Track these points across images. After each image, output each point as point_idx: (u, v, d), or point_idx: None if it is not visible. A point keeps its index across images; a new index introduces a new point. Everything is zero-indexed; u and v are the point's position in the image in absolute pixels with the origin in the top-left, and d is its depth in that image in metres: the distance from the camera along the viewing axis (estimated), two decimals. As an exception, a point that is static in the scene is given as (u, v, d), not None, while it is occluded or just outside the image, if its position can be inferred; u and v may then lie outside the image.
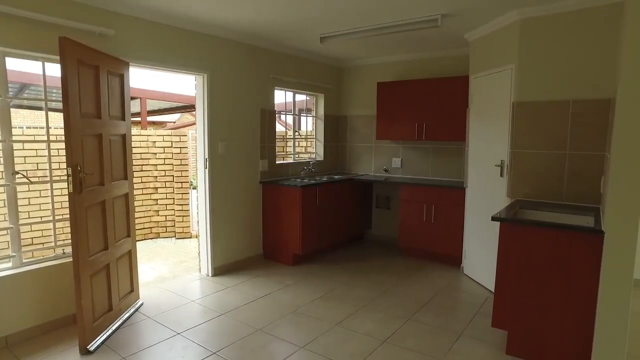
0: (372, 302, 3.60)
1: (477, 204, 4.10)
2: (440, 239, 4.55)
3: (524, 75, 3.45)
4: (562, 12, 3.27)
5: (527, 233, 2.62)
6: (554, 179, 3.39)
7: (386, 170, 5.53)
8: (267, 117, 4.74)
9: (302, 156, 5.69)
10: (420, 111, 4.82)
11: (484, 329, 3.10)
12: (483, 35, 3.96)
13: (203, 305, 3.52)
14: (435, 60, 5.03)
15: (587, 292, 2.45)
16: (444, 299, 3.68)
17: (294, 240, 4.46)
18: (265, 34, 4.27)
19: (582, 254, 2.46)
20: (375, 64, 5.53)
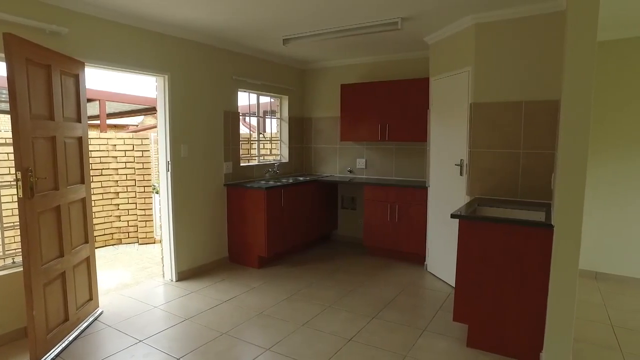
0: (338, 301, 3.63)
1: (438, 202, 4.21)
2: (404, 237, 4.65)
3: (480, 78, 3.58)
4: (513, 18, 3.42)
5: (485, 229, 2.72)
6: (510, 176, 3.53)
7: (351, 171, 5.59)
8: (231, 119, 4.70)
9: (267, 158, 5.66)
10: (383, 112, 4.91)
11: (446, 324, 3.19)
12: (442, 39, 4.09)
13: (166, 311, 3.44)
14: (398, 62, 5.14)
15: (539, 283, 2.57)
16: (408, 297, 3.76)
17: (259, 243, 4.44)
18: (227, 35, 4.24)
19: (535, 247, 2.57)
20: (339, 66, 5.59)
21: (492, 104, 3.55)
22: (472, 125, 3.65)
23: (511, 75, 3.47)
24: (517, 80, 3.45)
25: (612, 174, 4.14)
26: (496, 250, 2.69)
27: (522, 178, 3.49)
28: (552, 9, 3.26)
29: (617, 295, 3.84)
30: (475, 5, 3.31)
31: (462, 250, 2.81)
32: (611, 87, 4.07)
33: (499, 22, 3.47)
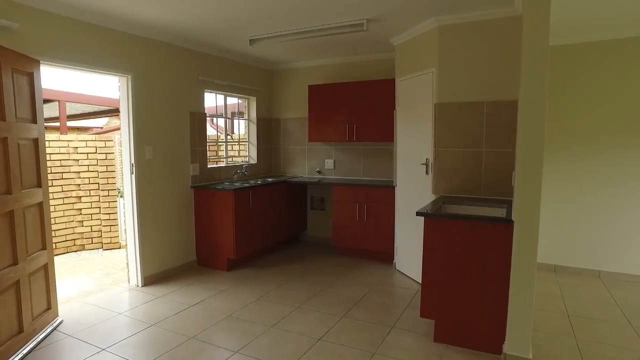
0: (307, 302, 3.63)
1: (406, 201, 4.28)
2: (373, 236, 4.69)
3: (443, 79, 3.67)
4: (474, 22, 3.52)
5: (449, 226, 2.78)
6: (473, 175, 3.63)
7: (319, 171, 5.60)
8: (197, 120, 4.62)
9: (236, 160, 5.60)
10: (351, 113, 4.95)
11: (414, 320, 3.24)
12: (406, 40, 4.16)
13: (131, 317, 3.34)
14: (365, 63, 5.19)
15: (501, 277, 2.65)
16: (377, 295, 3.80)
17: (227, 245, 4.38)
18: (192, 35, 4.17)
19: (497, 243, 2.65)
20: (307, 67, 5.60)
21: (455, 104, 3.64)
22: (436, 125, 3.73)
23: (473, 76, 3.57)
24: (479, 81, 3.55)
25: (568, 172, 4.32)
26: (460, 247, 2.76)
27: (485, 176, 3.60)
28: (510, 13, 3.37)
29: (574, 286, 4.02)
30: (437, 8, 3.38)
31: (427, 248, 2.86)
32: (566, 89, 4.26)
33: (461, 24, 3.57)
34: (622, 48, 4.03)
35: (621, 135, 4.10)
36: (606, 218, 4.22)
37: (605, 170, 4.19)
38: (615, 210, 4.18)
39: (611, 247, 4.23)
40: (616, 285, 4.07)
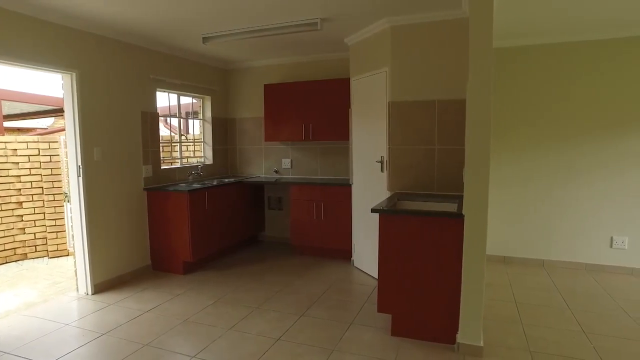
0: (266, 302, 3.60)
1: (362, 199, 4.35)
2: (331, 235, 4.73)
3: (396, 78, 3.76)
4: (425, 23, 3.63)
5: (403, 222, 2.85)
6: (426, 171, 3.74)
7: (277, 171, 5.58)
8: (149, 120, 4.46)
9: (191, 160, 5.47)
10: (307, 112, 4.97)
11: (372, 316, 3.30)
12: (360, 40, 4.22)
13: (80, 327, 3.18)
14: (320, 62, 5.22)
15: (454, 269, 2.75)
16: (336, 292, 3.83)
17: (183, 248, 4.27)
18: (142, 31, 4.02)
19: (449, 237, 2.75)
20: (262, 66, 5.55)
21: (408, 103, 3.74)
22: (390, 124, 3.82)
23: (425, 76, 3.68)
24: (430, 81, 3.66)
25: (515, 168, 4.56)
26: (414, 242, 2.84)
27: (438, 172, 3.72)
28: (458, 16, 3.51)
29: (521, 275, 4.24)
30: (389, 9, 3.46)
31: (383, 244, 2.92)
32: (514, 88, 4.48)
33: (413, 25, 3.67)
34: (566, 51, 4.30)
35: (564, 131, 4.37)
36: (549, 211, 4.49)
37: (548, 165, 4.45)
38: (558, 203, 4.45)
39: (553, 237, 4.50)
40: (557, 272, 4.34)
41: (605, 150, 4.27)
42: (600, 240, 4.38)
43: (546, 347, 2.79)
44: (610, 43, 4.16)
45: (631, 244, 4.29)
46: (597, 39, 4.17)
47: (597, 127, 4.28)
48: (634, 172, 4.20)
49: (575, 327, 3.11)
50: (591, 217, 4.37)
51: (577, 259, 4.46)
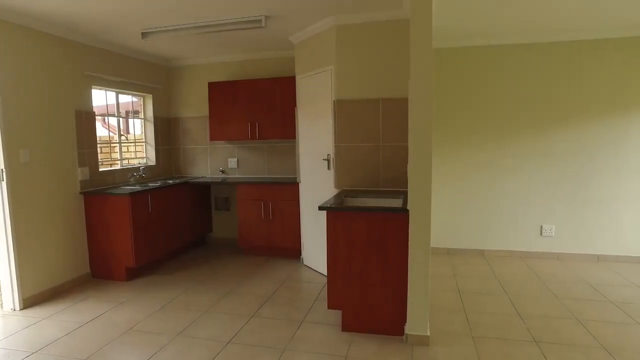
0: (215, 305, 3.53)
1: (309, 197, 4.37)
2: (280, 234, 4.72)
3: (341, 76, 3.81)
4: (369, 22, 3.71)
5: (350, 218, 2.90)
6: (372, 168, 3.83)
7: (223, 171, 5.47)
8: (85, 119, 4.20)
9: (132, 162, 5.22)
10: (253, 111, 4.91)
11: (323, 313, 3.33)
12: (306, 39, 4.23)
13: (5, 348, 2.92)
14: (266, 61, 5.17)
15: (400, 263, 2.84)
16: (286, 291, 3.83)
17: (126, 253, 4.07)
18: (75, 24, 3.77)
19: (395, 231, 2.83)
20: (207, 64, 5.41)
21: (353, 101, 3.81)
22: (336, 122, 3.86)
23: (370, 74, 3.76)
24: (375, 79, 3.75)
25: (455, 164, 4.78)
26: (362, 237, 2.90)
27: (383, 169, 3.82)
28: (401, 16, 3.61)
29: (463, 265, 4.47)
30: (334, 8, 3.49)
31: (331, 240, 2.95)
32: (452, 88, 4.70)
33: (357, 24, 3.73)
34: (499, 53, 4.56)
35: (499, 129, 4.65)
36: (487, 203, 4.76)
37: (485, 161, 4.72)
38: (494, 196, 4.74)
39: (491, 228, 4.79)
40: (495, 261, 4.62)
41: (534, 145, 4.60)
42: (532, 229, 4.71)
43: (487, 332, 2.96)
44: (535, 47, 4.48)
45: (558, 231, 4.65)
46: (526, 42, 4.47)
47: (527, 125, 4.59)
48: (559, 166, 4.56)
49: (511, 310, 3.32)
50: (523, 208, 4.69)
51: (512, 247, 4.77)
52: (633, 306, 3.41)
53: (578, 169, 4.55)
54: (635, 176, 4.45)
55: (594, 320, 3.15)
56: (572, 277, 4.08)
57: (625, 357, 2.64)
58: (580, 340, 2.84)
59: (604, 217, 4.56)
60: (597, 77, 4.42)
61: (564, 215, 4.63)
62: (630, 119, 4.40)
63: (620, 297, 3.60)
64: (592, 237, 4.60)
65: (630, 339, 2.87)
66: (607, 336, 2.90)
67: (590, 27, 4.17)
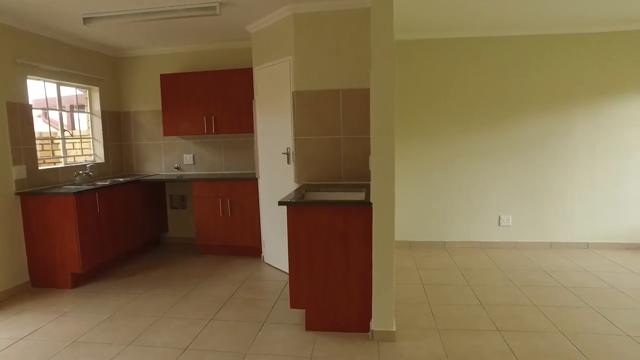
0: (171, 309, 3.31)
1: (269, 192, 4.22)
2: (239, 232, 4.54)
3: (300, 67, 3.68)
4: (328, 11, 3.60)
5: (311, 213, 2.78)
6: (333, 161, 3.74)
7: (178, 168, 5.21)
8: (19, 112, 3.84)
9: (78, 159, 4.85)
10: (208, 104, 4.69)
11: (286, 313, 3.20)
12: (263, 28, 4.07)
13: None
14: (222, 52, 4.95)
15: (364, 258, 2.76)
16: (247, 291, 3.67)
17: (71, 258, 3.76)
18: (4, 5, 3.41)
19: (357, 226, 2.74)
20: (159, 55, 5.12)
21: (313, 92, 3.69)
22: (295, 114, 3.74)
23: (329, 65, 3.65)
24: (335, 70, 3.65)
25: (416, 156, 4.78)
26: (324, 233, 2.79)
27: (344, 162, 3.73)
28: (362, 5, 3.52)
29: (426, 258, 4.47)
30: (290, -5, 3.36)
31: (292, 237, 2.83)
32: (415, 81, 4.69)
33: (316, 13, 3.61)
34: (463, 46, 4.59)
35: (458, 122, 4.69)
36: (448, 195, 4.80)
37: (446, 153, 4.75)
38: (454, 188, 4.78)
39: (452, 220, 4.83)
40: (457, 252, 4.66)
41: (494, 138, 4.68)
42: (490, 220, 4.80)
43: (452, 324, 2.95)
44: (494, 41, 4.54)
45: (514, 221, 4.77)
46: (485, 36, 4.53)
47: (487, 118, 4.66)
48: (516, 158, 4.67)
49: (474, 301, 3.34)
50: (483, 199, 4.77)
51: (472, 238, 4.84)
52: (584, 290, 3.53)
53: (533, 160, 4.67)
54: (583, 166, 4.63)
55: (551, 306, 3.22)
56: (528, 265, 4.18)
57: (580, 339, 2.71)
58: (541, 326, 2.89)
59: (556, 206, 4.71)
60: (550, 72, 4.55)
61: (520, 205, 4.74)
62: (576, 112, 4.56)
63: (573, 282, 3.72)
64: (545, 226, 4.75)
65: (583, 322, 2.95)
66: (563, 321, 2.97)
67: (545, 24, 4.26)
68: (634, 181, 4.61)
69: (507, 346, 2.64)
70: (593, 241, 4.73)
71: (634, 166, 4.59)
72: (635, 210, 4.64)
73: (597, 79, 4.52)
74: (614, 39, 4.45)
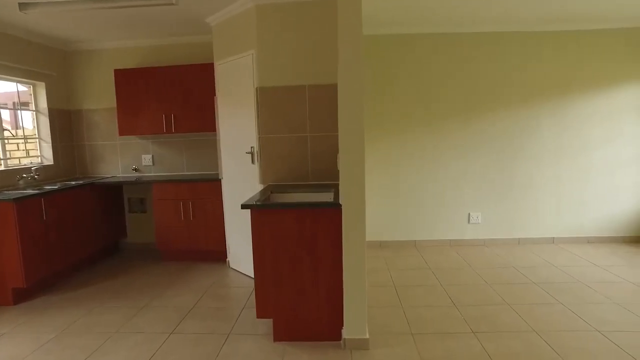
0: (128, 323, 3.05)
1: (233, 194, 4.01)
2: (202, 236, 4.31)
3: (264, 61, 3.48)
4: (293, 2, 3.42)
5: (277, 216, 2.61)
6: (300, 161, 3.57)
7: (136, 169, 4.89)
8: (-50, 111, 3.45)
9: (24, 162, 4.45)
10: (168, 102, 4.41)
11: (252, 322, 3.01)
12: (224, 20, 3.84)
13: None
14: (182, 46, 4.68)
15: (334, 262, 2.61)
16: (211, 300, 3.45)
17: (12, 271, 3.41)
18: None
19: (326, 228, 2.59)
20: (113, 49, 4.78)
21: (277, 88, 3.50)
22: (260, 111, 3.54)
23: (294, 59, 3.47)
24: (301, 64, 3.47)
25: (385, 155, 4.69)
26: (290, 237, 2.62)
27: (312, 161, 3.57)
28: (323, -4, 3.37)
29: (396, 258, 4.39)
30: (251, -16, 3.16)
31: (257, 243, 2.64)
32: (382, 78, 4.58)
33: (279, 4, 3.42)
34: (431, 42, 4.51)
35: (427, 119, 4.62)
36: (418, 194, 4.73)
37: (415, 151, 4.67)
38: (424, 186, 4.72)
39: (422, 219, 4.77)
40: (427, 251, 4.60)
41: (463, 135, 4.64)
42: (460, 217, 4.77)
43: (425, 327, 2.85)
44: (466, 36, 4.50)
45: (484, 218, 4.76)
46: (457, 32, 4.48)
47: (456, 115, 4.62)
48: (484, 156, 4.65)
49: (447, 301, 3.26)
50: (452, 197, 4.73)
51: (443, 236, 4.80)
52: (553, 286, 3.53)
53: (502, 157, 4.67)
54: (549, 162, 4.67)
55: (523, 304, 3.18)
56: (498, 262, 4.16)
57: (553, 337, 2.67)
58: (514, 326, 2.83)
59: (524, 203, 4.74)
60: (519, 69, 4.56)
61: (489, 202, 4.73)
62: (543, 109, 4.60)
63: (542, 278, 3.72)
64: (513, 222, 4.77)
65: (555, 319, 2.93)
66: (536, 319, 2.93)
67: (515, 21, 4.24)
68: (596, 177, 4.69)
69: (482, 349, 2.56)
70: (558, 236, 4.78)
71: (596, 162, 4.67)
72: (597, 204, 4.73)
73: (564, 77, 4.56)
74: (580, 38, 4.50)
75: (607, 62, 4.54)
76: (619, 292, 3.36)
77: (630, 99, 4.58)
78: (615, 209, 4.73)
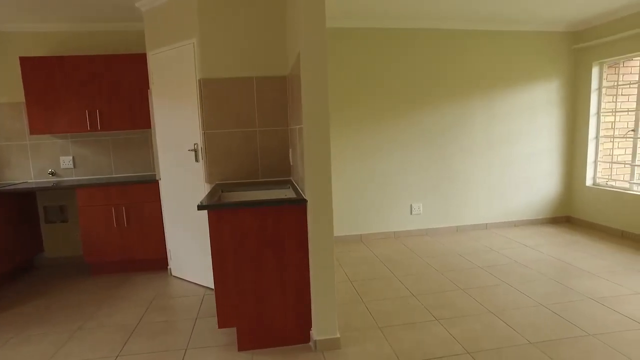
0: (60, 352, 2.63)
1: (175, 195, 3.68)
2: (139, 243, 3.91)
3: (207, 51, 3.22)
4: (233, -13, 3.20)
5: (237, 216, 2.41)
6: (249, 157, 3.36)
7: (53, 173, 4.30)
8: None
9: None
10: (91, 96, 3.93)
11: (211, 333, 2.77)
12: (158, 5, 3.49)
13: None
14: (107, 34, 4.20)
15: (299, 263, 2.48)
16: (157, 314, 3.12)
17: None
18: None
19: (290, 226, 2.45)
20: (20, 33, 4.14)
21: (222, 80, 3.26)
22: (203, 105, 3.27)
23: (240, 49, 3.25)
24: (248, 55, 3.26)
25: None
26: (252, 238, 2.44)
27: (262, 158, 3.39)
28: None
29: (346, 253, 4.36)
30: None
31: (216, 246, 2.42)
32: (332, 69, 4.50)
33: (221, -11, 3.19)
34: (385, 35, 4.52)
35: (374, 112, 4.65)
36: (362, 187, 4.75)
37: (359, 145, 4.67)
38: (368, 179, 4.75)
39: (366, 212, 4.80)
40: (374, 244, 4.64)
41: (404, 128, 4.75)
42: (403, 209, 4.88)
43: (391, 320, 2.83)
44: (407, 32, 4.59)
45: (425, 208, 4.92)
46: (398, 27, 4.55)
47: (398, 108, 4.71)
48: (424, 148, 4.81)
49: (405, 292, 3.29)
50: (395, 189, 4.82)
51: (387, 228, 4.87)
52: (496, 268, 3.74)
53: (441, 149, 4.87)
54: (482, 153, 4.97)
55: (474, 288, 3.32)
56: (443, 250, 4.32)
57: (507, 315, 2.82)
58: (472, 309, 2.93)
59: (461, 192, 4.99)
60: (456, 64, 4.78)
61: (430, 193, 4.91)
62: (476, 103, 4.87)
63: (484, 261, 3.92)
64: (452, 211, 5.00)
65: (504, 298, 3.09)
66: (489, 300, 3.07)
67: (455, 17, 4.41)
68: (519, 164, 5.10)
69: (449, 334, 2.60)
70: (490, 221, 5.11)
71: (520, 151, 5.07)
72: (521, 190, 5.15)
73: (492, 73, 4.87)
74: (505, 37, 4.83)
75: (527, 61, 4.94)
76: (549, 269, 3.66)
77: (544, 95, 5.04)
78: (533, 194, 5.20)
